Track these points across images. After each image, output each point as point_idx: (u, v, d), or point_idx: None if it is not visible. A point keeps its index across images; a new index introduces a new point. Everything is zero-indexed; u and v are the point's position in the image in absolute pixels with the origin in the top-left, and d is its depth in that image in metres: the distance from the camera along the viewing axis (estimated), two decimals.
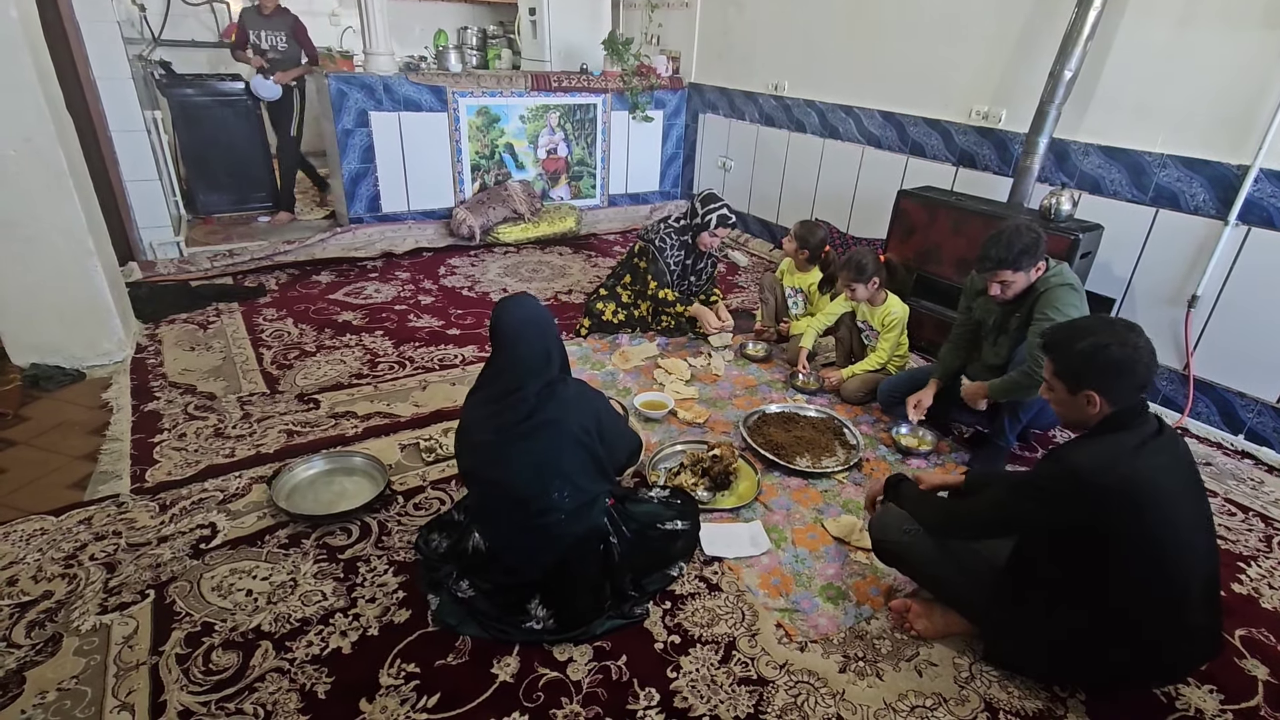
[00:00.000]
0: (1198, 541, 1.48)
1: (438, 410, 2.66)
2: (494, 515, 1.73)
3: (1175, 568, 1.43)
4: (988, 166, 3.52)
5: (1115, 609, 1.47)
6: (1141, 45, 2.85)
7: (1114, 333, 1.45)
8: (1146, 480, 1.39)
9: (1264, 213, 2.59)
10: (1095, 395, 1.45)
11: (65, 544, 1.91)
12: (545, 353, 1.66)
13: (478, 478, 1.73)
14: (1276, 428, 2.68)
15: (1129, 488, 1.38)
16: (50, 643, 1.61)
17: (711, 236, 3.25)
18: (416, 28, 6.70)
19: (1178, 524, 1.43)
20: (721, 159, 5.32)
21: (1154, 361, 1.44)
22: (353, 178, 4.42)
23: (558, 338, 1.72)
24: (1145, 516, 1.38)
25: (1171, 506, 1.42)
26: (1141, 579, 1.43)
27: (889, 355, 2.89)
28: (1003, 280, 2.28)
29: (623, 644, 1.68)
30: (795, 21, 4.45)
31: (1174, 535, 1.42)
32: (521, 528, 1.67)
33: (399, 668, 1.60)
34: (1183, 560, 1.44)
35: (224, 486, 2.17)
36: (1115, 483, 1.38)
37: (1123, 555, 1.41)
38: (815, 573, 1.96)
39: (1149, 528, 1.39)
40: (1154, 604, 1.45)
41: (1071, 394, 1.49)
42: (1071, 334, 1.50)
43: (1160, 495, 1.40)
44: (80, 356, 2.82)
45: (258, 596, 1.77)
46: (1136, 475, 1.38)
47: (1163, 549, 1.41)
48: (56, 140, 2.55)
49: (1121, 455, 1.40)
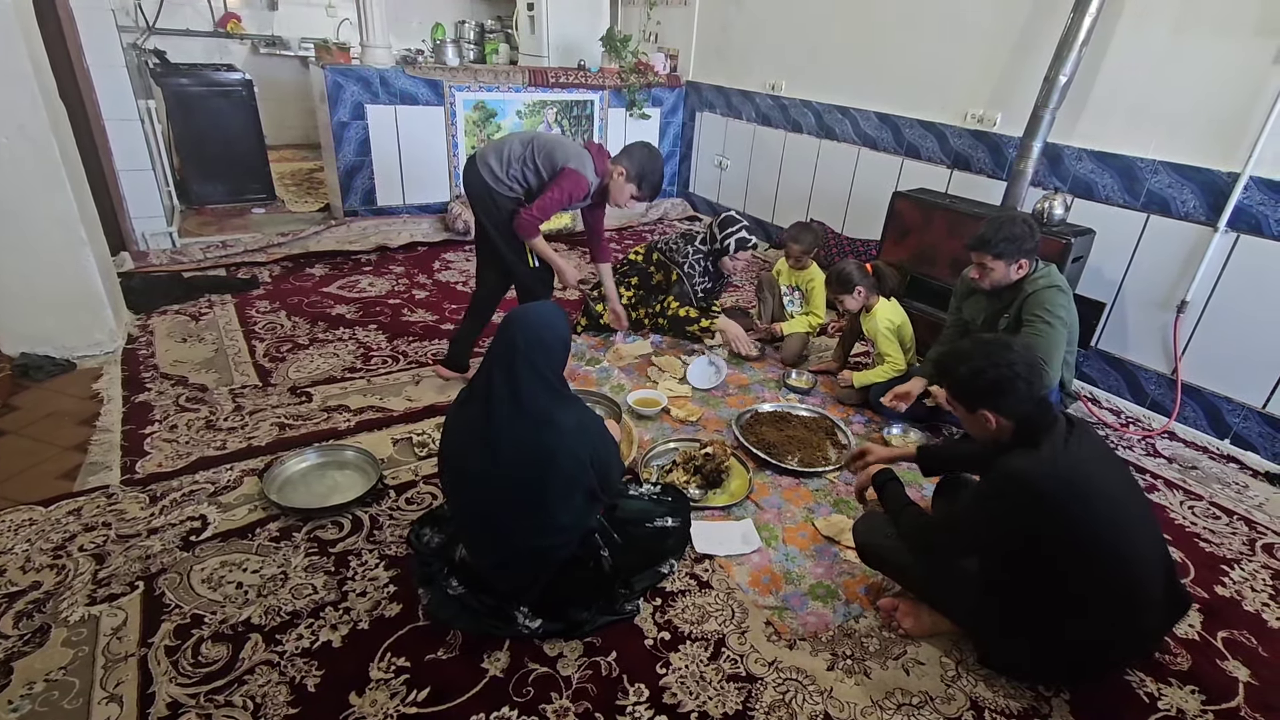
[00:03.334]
0: (1140, 514, 1.55)
1: (431, 405, 2.66)
2: (478, 541, 1.71)
3: (1130, 547, 1.49)
4: (982, 169, 3.54)
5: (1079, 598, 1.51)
6: (1136, 51, 2.87)
7: (988, 355, 1.53)
8: (1083, 473, 1.46)
9: (1253, 220, 2.62)
10: (989, 414, 1.54)
11: (54, 535, 1.90)
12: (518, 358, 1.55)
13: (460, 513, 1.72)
14: (1262, 433, 2.71)
15: (1072, 482, 1.43)
16: (38, 633, 1.61)
17: (733, 260, 3.23)
18: (414, 21, 6.67)
19: (1118, 503, 1.49)
20: (718, 158, 5.33)
21: (1034, 374, 1.51)
22: (348, 171, 4.40)
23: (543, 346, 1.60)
24: (1093, 505, 1.44)
25: (1109, 491, 1.49)
26: (1100, 564, 1.47)
27: (901, 361, 2.80)
28: (983, 263, 2.31)
29: (613, 640, 1.69)
30: (794, 22, 4.45)
31: (1121, 514, 1.49)
32: (507, 555, 1.66)
33: (389, 661, 1.60)
34: (1133, 535, 1.50)
35: (215, 479, 2.16)
36: (1060, 481, 1.43)
37: (1080, 547, 1.45)
38: (805, 571, 1.97)
39: (1100, 514, 1.44)
40: (1113, 584, 1.49)
41: (970, 413, 1.58)
42: (954, 360, 1.60)
43: (1097, 483, 1.47)
44: (71, 346, 2.80)
45: (248, 589, 1.77)
46: (1074, 471, 1.45)
47: (1115, 531, 1.46)
48: (49, 129, 2.53)
49: (1053, 456, 1.46)
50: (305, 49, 6.27)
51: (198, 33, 6.06)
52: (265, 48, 6.36)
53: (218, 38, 6.17)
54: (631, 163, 2.60)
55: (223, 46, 6.21)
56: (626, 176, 2.60)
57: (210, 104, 4.56)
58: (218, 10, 6.10)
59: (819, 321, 3.29)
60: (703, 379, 2.96)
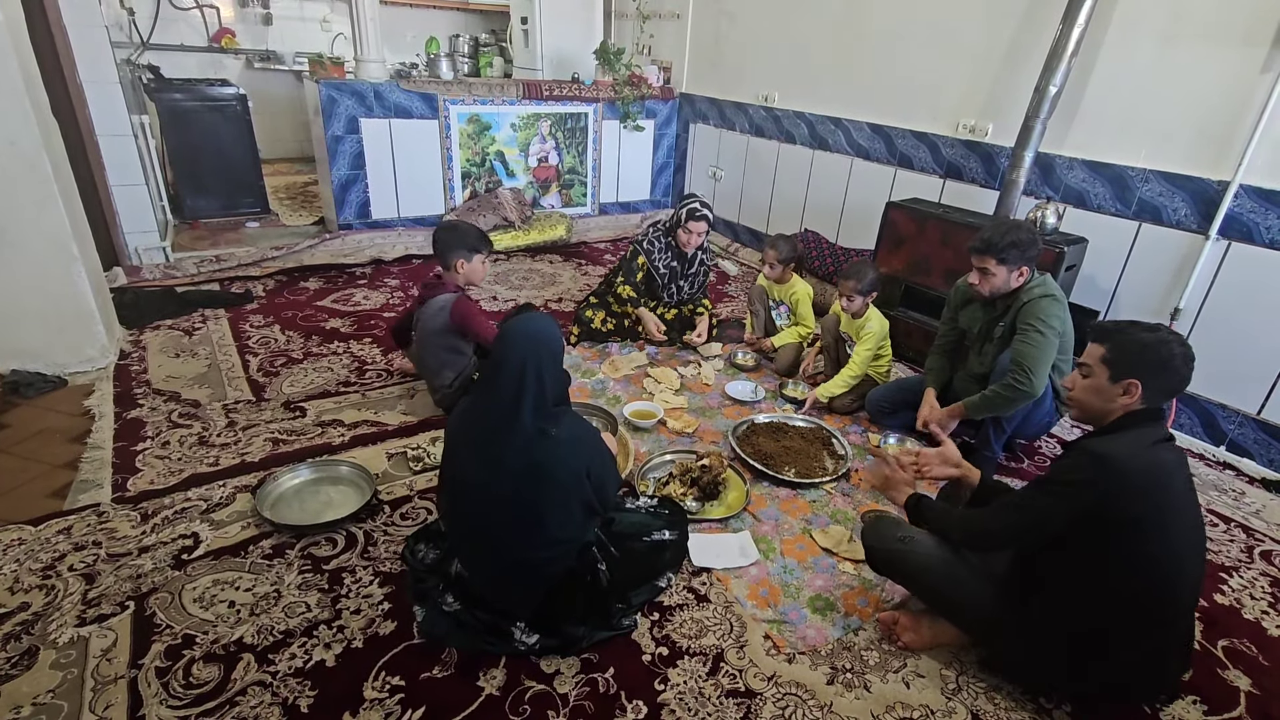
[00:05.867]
0: (1195, 546, 1.52)
1: (425, 419, 2.64)
2: (475, 554, 1.70)
3: (1179, 568, 1.47)
4: (974, 179, 3.56)
5: (1115, 613, 1.48)
6: (1125, 62, 2.90)
7: (1172, 334, 1.51)
8: (1164, 472, 1.44)
9: (1244, 228, 2.63)
10: (1137, 385, 1.48)
11: (43, 554, 1.88)
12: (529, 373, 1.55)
13: (458, 526, 1.71)
14: (1258, 439, 2.72)
15: (1150, 474, 1.42)
16: (26, 656, 1.58)
17: (685, 233, 3.28)
18: (408, 35, 6.71)
19: (1183, 522, 1.47)
20: (712, 169, 5.35)
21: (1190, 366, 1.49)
22: (342, 184, 4.40)
23: (553, 361, 1.61)
24: (1161, 504, 1.42)
25: (1179, 503, 1.47)
26: (1146, 574, 1.45)
27: (861, 368, 2.86)
28: (984, 267, 2.30)
29: (610, 656, 1.68)
30: (786, 34, 4.49)
31: (1180, 533, 1.46)
32: (503, 570, 1.65)
33: (384, 680, 1.58)
34: (1184, 560, 1.48)
35: (207, 495, 2.14)
36: (1139, 468, 1.42)
37: (1131, 546, 1.43)
38: (804, 583, 1.96)
39: (1163, 514, 1.43)
40: (1152, 605, 1.47)
41: (1113, 381, 1.51)
42: (1135, 325, 1.53)
43: (1173, 490, 1.45)
44: (62, 363, 2.78)
45: (240, 608, 1.75)
46: (1156, 465, 1.44)
47: (1169, 543, 1.44)
48: (42, 145, 2.53)
49: (1145, 446, 1.45)
50: (300, 63, 6.29)
51: (192, 48, 6.08)
52: (260, 62, 6.37)
53: (212, 53, 6.19)
54: (448, 250, 2.53)
55: (217, 61, 6.23)
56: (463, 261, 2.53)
57: (204, 118, 4.56)
58: (212, 26, 6.12)
59: (808, 332, 3.29)
60: (742, 392, 3.01)
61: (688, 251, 3.38)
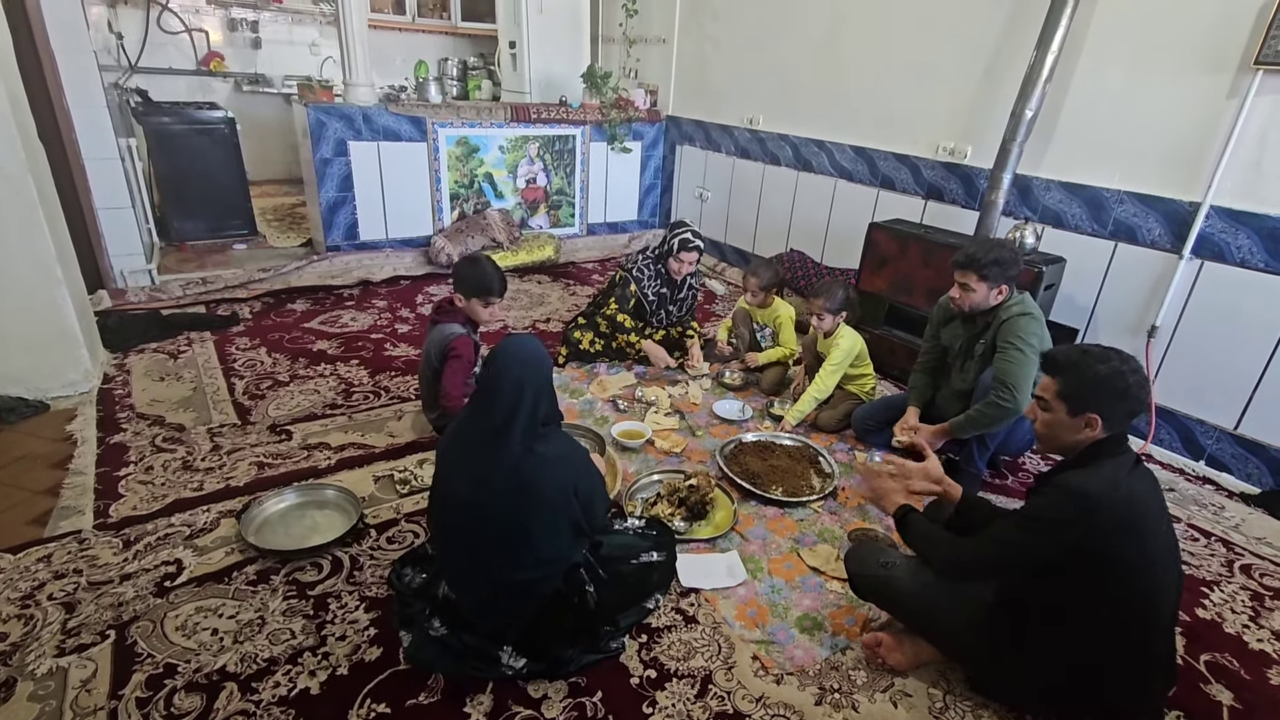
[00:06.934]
0: (1173, 567, 1.53)
1: (413, 441, 2.64)
2: (463, 575, 1.69)
3: (1159, 593, 1.48)
4: (955, 200, 3.63)
5: (1101, 643, 1.49)
6: (1097, 87, 2.98)
7: (1124, 360, 1.48)
8: (1140, 503, 1.44)
9: (1216, 247, 2.70)
10: (1097, 419, 1.48)
11: (22, 583, 1.85)
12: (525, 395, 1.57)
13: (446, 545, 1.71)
14: (1235, 454, 2.76)
15: (1130, 510, 1.42)
16: (3, 688, 1.55)
17: (677, 262, 3.31)
18: (397, 59, 6.76)
19: (1159, 547, 1.48)
20: (699, 190, 5.41)
21: (1145, 389, 1.49)
22: (330, 206, 4.41)
23: (546, 383, 1.64)
24: (1141, 533, 1.43)
25: (1156, 530, 1.47)
26: (1129, 604, 1.46)
27: (827, 384, 2.89)
28: (965, 282, 2.34)
29: (598, 679, 1.67)
30: (769, 59, 4.58)
31: (1160, 558, 1.47)
32: (492, 591, 1.65)
33: (369, 708, 1.56)
34: (1164, 584, 1.49)
35: (191, 521, 2.12)
36: (1119, 505, 1.41)
37: (1114, 580, 1.44)
38: (791, 603, 1.96)
39: (1143, 543, 1.43)
40: (1135, 630, 1.48)
41: (1072, 415, 1.51)
42: (1087, 357, 1.50)
43: (1150, 517, 1.46)
44: (44, 388, 2.75)
45: (224, 635, 1.73)
46: (1133, 498, 1.43)
47: (1151, 572, 1.45)
48: (27, 169, 2.53)
49: (1120, 479, 1.44)
50: (289, 86, 6.32)
51: (181, 71, 6.09)
52: (248, 85, 6.40)
53: (200, 76, 6.21)
54: (459, 284, 2.54)
55: (205, 85, 6.25)
56: (464, 298, 2.54)
57: (192, 141, 4.57)
58: (201, 49, 6.15)
59: (792, 352, 3.33)
60: (730, 411, 3.03)
61: (678, 279, 3.41)
